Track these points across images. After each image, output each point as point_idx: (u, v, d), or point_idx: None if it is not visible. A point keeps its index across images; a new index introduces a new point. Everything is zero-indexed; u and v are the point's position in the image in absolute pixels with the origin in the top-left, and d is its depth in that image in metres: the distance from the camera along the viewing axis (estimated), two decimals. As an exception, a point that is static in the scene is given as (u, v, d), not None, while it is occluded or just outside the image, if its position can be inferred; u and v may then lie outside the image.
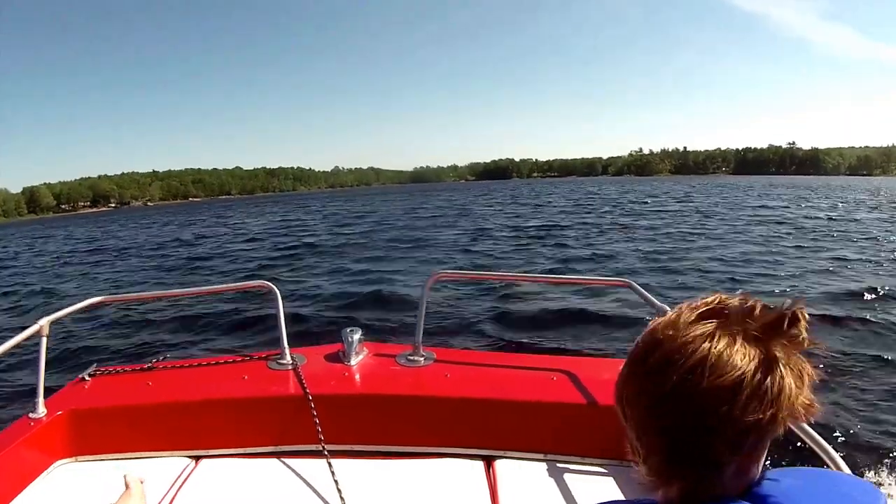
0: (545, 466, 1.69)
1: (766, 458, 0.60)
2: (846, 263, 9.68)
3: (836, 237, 13.57)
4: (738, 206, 25.37)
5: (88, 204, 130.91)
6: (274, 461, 1.73)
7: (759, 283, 8.24)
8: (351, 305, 7.63)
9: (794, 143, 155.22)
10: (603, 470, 1.65)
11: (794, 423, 0.58)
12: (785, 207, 23.81)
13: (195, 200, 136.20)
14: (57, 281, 12.67)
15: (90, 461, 1.76)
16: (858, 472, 2.99)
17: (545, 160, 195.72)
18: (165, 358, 2.13)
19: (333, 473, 1.56)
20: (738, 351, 0.54)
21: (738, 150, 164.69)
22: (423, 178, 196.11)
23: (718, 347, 0.54)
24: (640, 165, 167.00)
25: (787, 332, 0.56)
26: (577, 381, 1.85)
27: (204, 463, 1.76)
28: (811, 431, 1.18)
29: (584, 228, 17.26)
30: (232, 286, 3.25)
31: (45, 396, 1.79)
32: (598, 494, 1.52)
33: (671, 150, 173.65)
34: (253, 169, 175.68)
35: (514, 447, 1.75)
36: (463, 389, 1.85)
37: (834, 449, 1.15)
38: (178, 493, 1.59)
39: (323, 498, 1.55)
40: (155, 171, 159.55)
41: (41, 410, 1.76)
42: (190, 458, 1.78)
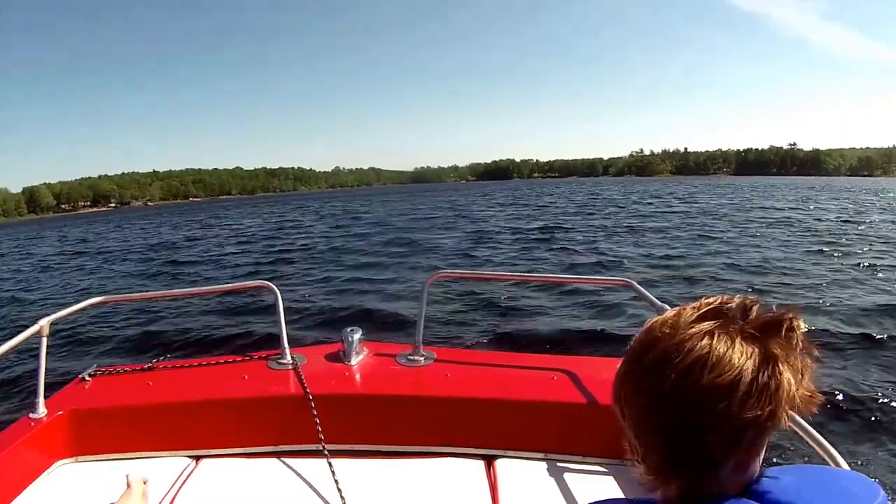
0: (546, 466, 1.68)
1: (764, 455, 0.60)
2: (874, 271, 8.80)
3: (854, 241, 12.61)
4: (743, 207, 24.64)
5: (88, 204, 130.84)
6: (274, 461, 1.73)
7: (783, 293, 7.39)
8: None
9: (794, 143, 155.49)
10: (603, 469, 1.65)
11: (793, 418, 0.58)
12: (793, 209, 23.11)
13: (195, 200, 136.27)
14: (33, 288, 11.80)
15: (90, 461, 1.76)
16: (857, 467, 2.99)
17: (546, 161, 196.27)
18: (166, 358, 2.14)
19: (334, 473, 1.55)
20: (736, 349, 0.54)
21: (738, 150, 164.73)
22: (423, 178, 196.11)
23: (716, 345, 0.55)
24: (640, 166, 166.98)
25: (785, 332, 0.56)
26: (577, 380, 1.85)
27: (204, 463, 1.76)
28: (810, 429, 1.18)
29: (589, 231, 16.35)
30: (232, 286, 3.26)
31: (45, 396, 1.79)
32: (598, 494, 1.51)
33: (672, 150, 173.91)
34: (253, 169, 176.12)
35: (514, 447, 1.74)
36: (463, 389, 1.85)
37: (832, 446, 1.15)
38: (178, 492, 1.59)
39: (323, 498, 1.55)
40: (155, 171, 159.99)
41: (41, 410, 1.76)
42: (190, 457, 1.78)
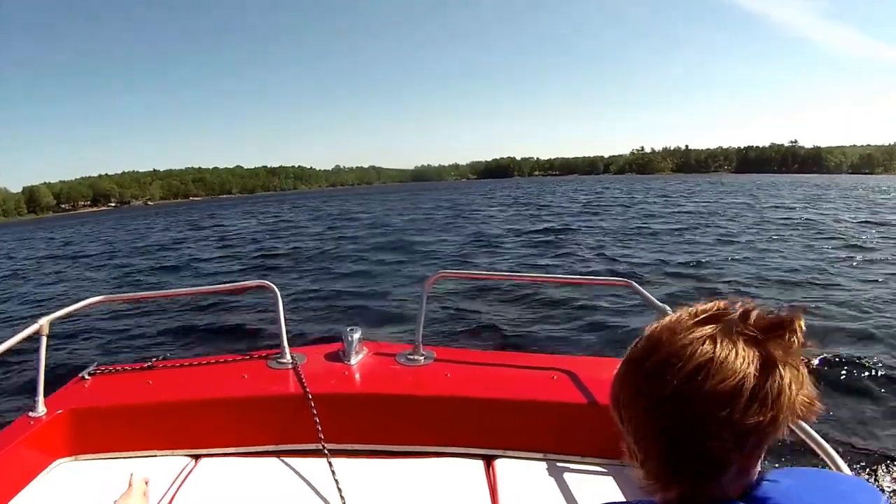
0: (545, 466, 1.68)
1: (765, 458, 0.60)
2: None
3: (881, 245, 11.27)
4: (756, 207, 23.61)
5: (89, 203, 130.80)
6: (274, 460, 1.73)
7: (829, 313, 6.13)
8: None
9: (796, 141, 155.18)
10: (603, 469, 1.65)
11: (794, 423, 0.57)
12: (804, 208, 22.17)
13: (195, 199, 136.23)
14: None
15: (90, 460, 1.76)
16: (859, 472, 2.99)
17: (546, 159, 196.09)
18: (165, 357, 2.14)
19: (334, 472, 1.55)
20: (738, 354, 0.54)
21: (740, 148, 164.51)
22: (424, 176, 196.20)
23: (718, 351, 0.54)
24: (641, 164, 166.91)
25: (785, 335, 0.56)
26: (577, 380, 1.85)
27: (204, 462, 1.76)
28: (811, 431, 1.17)
29: (597, 233, 15.07)
30: (232, 286, 3.27)
31: (45, 395, 1.79)
32: (598, 494, 1.51)
33: (673, 148, 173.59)
34: (254, 168, 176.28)
35: (514, 447, 1.74)
36: (463, 389, 1.85)
37: (834, 449, 1.14)
38: (178, 491, 1.59)
39: (323, 497, 1.54)
40: (155, 170, 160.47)
41: (41, 409, 1.76)
42: (190, 457, 1.77)
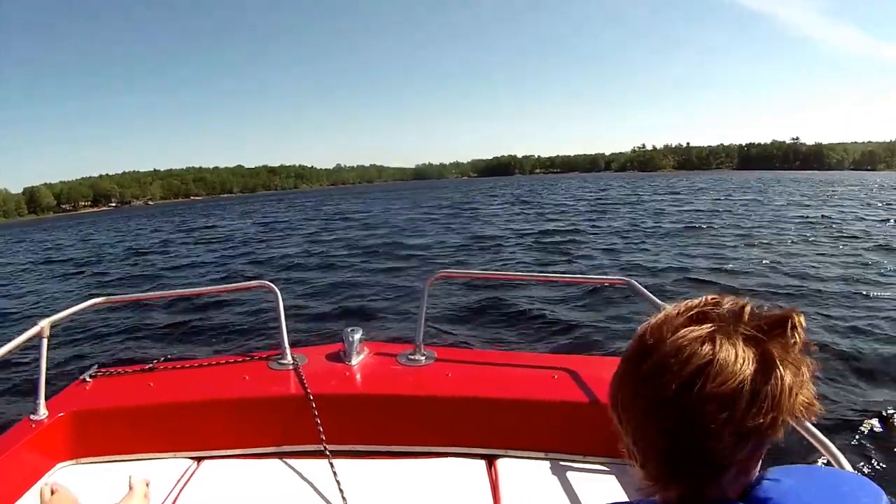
0: (547, 465, 1.68)
1: (767, 454, 0.59)
2: None
3: None
4: (765, 203, 22.93)
5: (89, 203, 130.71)
6: (275, 461, 1.73)
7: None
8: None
9: (797, 138, 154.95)
10: (605, 468, 1.65)
11: (795, 423, 0.57)
12: (819, 206, 21.20)
13: (196, 199, 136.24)
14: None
15: (92, 463, 1.76)
16: (861, 469, 2.98)
17: (547, 157, 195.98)
18: (166, 359, 2.13)
19: (335, 474, 1.55)
20: (738, 355, 0.53)
21: (741, 145, 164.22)
22: (425, 174, 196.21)
23: (719, 352, 0.53)
24: (643, 161, 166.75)
25: (786, 334, 0.55)
26: (578, 379, 1.84)
27: (206, 464, 1.75)
28: (813, 429, 1.17)
29: (608, 234, 13.71)
30: (232, 286, 3.26)
31: (46, 398, 1.79)
32: (599, 493, 1.51)
33: (674, 145, 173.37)
34: (255, 167, 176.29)
35: (515, 446, 1.74)
36: (464, 389, 1.84)
37: (836, 446, 1.14)
38: (180, 494, 1.59)
39: (325, 498, 1.55)
40: (156, 169, 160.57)
41: (42, 412, 1.75)
42: (191, 459, 1.77)
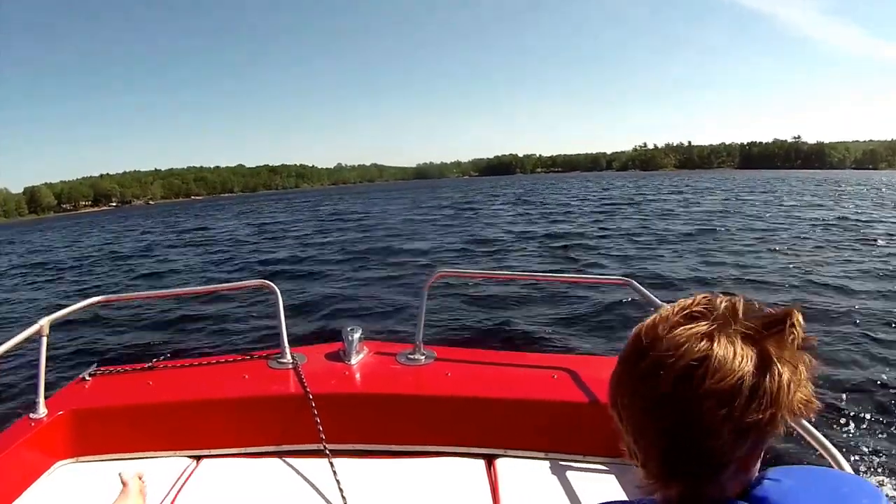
0: (546, 465, 1.68)
1: (768, 455, 0.59)
2: None
3: None
4: (775, 203, 22.04)
5: (90, 203, 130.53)
6: (275, 461, 1.73)
7: None
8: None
9: (799, 137, 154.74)
10: (604, 468, 1.65)
11: (793, 420, 0.57)
12: (831, 207, 20.21)
13: (197, 199, 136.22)
14: None
15: (91, 461, 1.76)
16: (861, 471, 2.97)
17: (548, 156, 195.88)
18: (166, 357, 2.14)
19: (335, 473, 1.55)
20: (736, 352, 0.53)
21: (742, 144, 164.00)
22: (426, 174, 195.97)
23: (717, 348, 0.53)
24: (644, 160, 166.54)
25: (784, 333, 0.55)
26: (577, 379, 1.84)
27: (205, 463, 1.76)
28: (813, 430, 1.17)
29: (618, 237, 12.82)
30: (232, 285, 3.27)
31: (45, 396, 1.79)
32: (599, 492, 1.51)
33: (675, 144, 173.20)
34: (255, 167, 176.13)
35: (515, 446, 1.74)
36: (464, 388, 1.85)
37: (836, 447, 1.14)
38: (179, 493, 1.59)
39: (324, 497, 1.55)
40: (157, 169, 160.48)
41: (42, 411, 1.76)
42: (191, 457, 1.78)
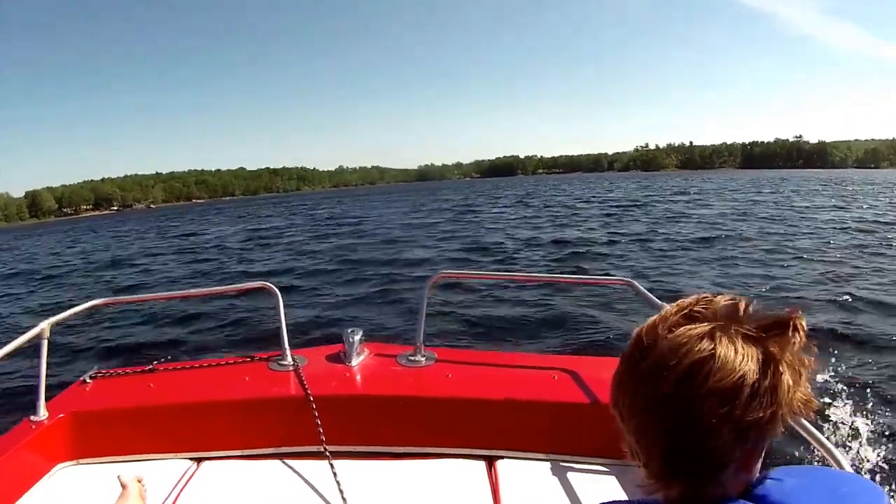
0: (547, 466, 1.68)
1: (769, 455, 0.60)
2: None
3: None
4: (785, 204, 21.37)
5: (91, 207, 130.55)
6: (276, 462, 1.73)
7: None
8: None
9: (800, 136, 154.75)
10: (605, 469, 1.64)
11: (794, 420, 0.57)
12: (845, 208, 19.44)
13: (198, 202, 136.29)
14: None
15: (92, 464, 1.76)
16: (861, 470, 2.96)
17: (550, 157, 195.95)
18: (166, 360, 2.13)
19: (336, 475, 1.55)
20: (737, 351, 0.54)
21: (744, 144, 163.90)
22: (427, 176, 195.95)
23: (719, 348, 0.54)
24: (646, 160, 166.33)
25: (786, 334, 0.55)
26: (578, 380, 1.84)
27: (206, 465, 1.76)
28: (813, 430, 1.16)
29: (628, 246, 12.03)
30: (233, 287, 3.28)
31: (46, 399, 1.79)
32: (600, 494, 1.51)
33: (677, 144, 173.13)
34: (256, 169, 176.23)
35: (515, 447, 1.74)
36: (464, 389, 1.85)
37: (836, 447, 1.14)
38: (179, 495, 1.59)
39: (325, 499, 1.55)
40: (158, 172, 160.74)
41: (42, 413, 1.76)
42: (191, 460, 1.77)
